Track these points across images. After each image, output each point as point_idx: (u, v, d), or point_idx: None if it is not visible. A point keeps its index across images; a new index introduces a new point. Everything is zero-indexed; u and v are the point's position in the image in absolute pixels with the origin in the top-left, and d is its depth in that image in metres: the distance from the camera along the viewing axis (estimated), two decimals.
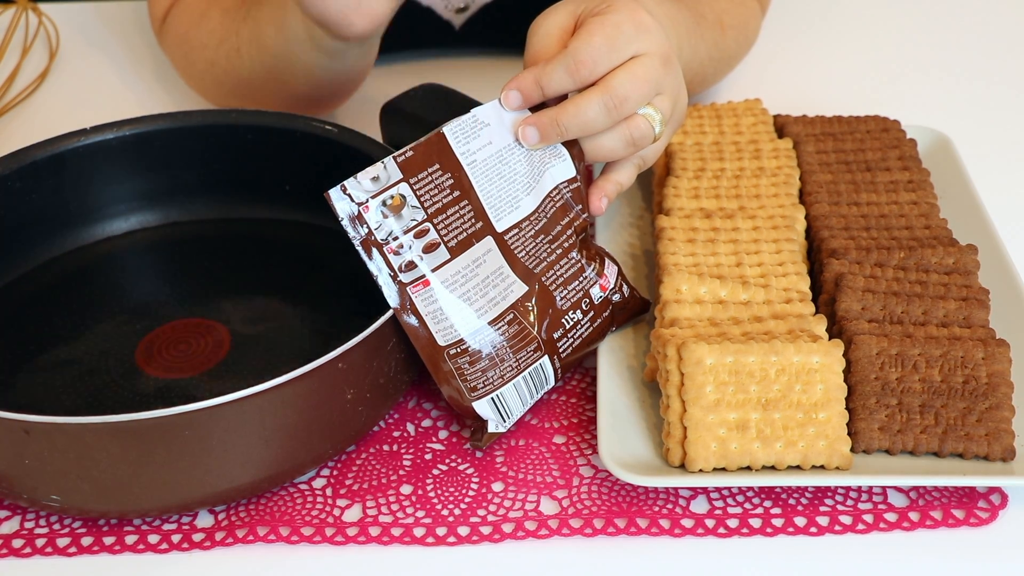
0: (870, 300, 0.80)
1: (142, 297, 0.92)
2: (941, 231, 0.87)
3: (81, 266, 0.93)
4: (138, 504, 0.73)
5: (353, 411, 0.76)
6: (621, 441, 0.76)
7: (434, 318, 0.76)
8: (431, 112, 0.87)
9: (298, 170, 0.94)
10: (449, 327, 0.76)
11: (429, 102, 0.91)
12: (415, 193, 0.76)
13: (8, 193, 0.90)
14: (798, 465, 0.74)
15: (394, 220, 0.75)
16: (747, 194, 0.90)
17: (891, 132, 0.98)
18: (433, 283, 0.76)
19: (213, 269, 0.93)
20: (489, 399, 0.78)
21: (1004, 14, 1.31)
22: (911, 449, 0.76)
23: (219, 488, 0.73)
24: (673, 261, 0.84)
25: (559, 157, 0.81)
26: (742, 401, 0.74)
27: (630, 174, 0.85)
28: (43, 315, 0.89)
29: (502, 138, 0.79)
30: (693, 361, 0.74)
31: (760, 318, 0.79)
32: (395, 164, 0.76)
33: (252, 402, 0.70)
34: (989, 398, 0.76)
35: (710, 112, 1.00)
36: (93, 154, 0.93)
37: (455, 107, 0.85)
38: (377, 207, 0.75)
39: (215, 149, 0.95)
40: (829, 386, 0.75)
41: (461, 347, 0.76)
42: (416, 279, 0.76)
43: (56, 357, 0.85)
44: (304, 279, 0.92)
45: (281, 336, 0.87)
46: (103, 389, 0.82)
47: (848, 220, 0.88)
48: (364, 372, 0.75)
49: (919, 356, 0.77)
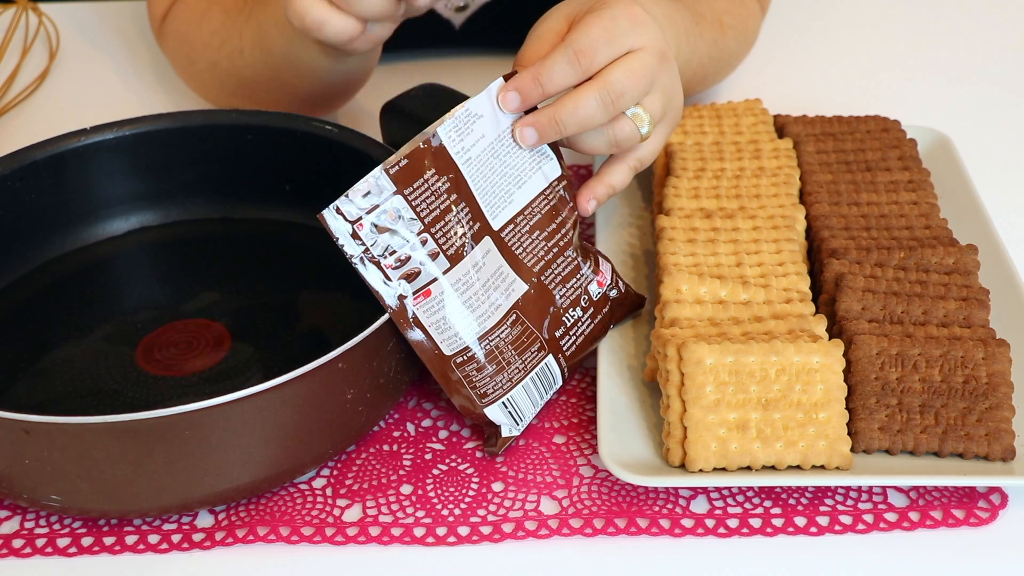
0: (870, 300, 0.80)
1: (142, 297, 0.92)
2: (941, 231, 0.87)
3: (81, 266, 0.93)
4: (138, 504, 0.73)
5: (353, 411, 0.76)
6: (621, 441, 0.76)
7: (438, 328, 0.75)
8: (431, 112, 0.87)
9: (298, 170, 0.94)
10: (454, 336, 0.76)
11: (429, 102, 0.91)
12: (410, 204, 0.74)
13: (8, 193, 0.90)
14: (798, 465, 0.74)
15: (389, 235, 0.74)
16: (747, 194, 0.90)
17: (891, 132, 0.98)
18: (434, 293, 0.75)
19: (213, 269, 0.93)
20: (500, 404, 0.77)
21: (1004, 14, 1.31)
22: (911, 449, 0.76)
23: (219, 488, 0.73)
24: (673, 261, 0.84)
25: (547, 155, 0.80)
26: (742, 401, 0.74)
27: (623, 176, 0.84)
28: (43, 315, 0.89)
29: (494, 130, 0.78)
30: (693, 361, 0.74)
31: (760, 318, 0.79)
32: (387, 176, 0.73)
33: (252, 402, 0.70)
34: (989, 398, 0.76)
35: (710, 112, 1.00)
36: (93, 154, 0.93)
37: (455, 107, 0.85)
38: (370, 224, 0.73)
39: (215, 149, 0.95)
40: (829, 386, 0.75)
41: (467, 355, 0.76)
42: (416, 291, 0.75)
43: (56, 357, 0.86)
44: (304, 279, 0.92)
45: (281, 336, 0.87)
46: (103, 389, 0.82)
47: (848, 220, 0.88)
48: (364, 372, 0.75)
49: (919, 356, 0.77)
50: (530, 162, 0.79)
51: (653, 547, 0.74)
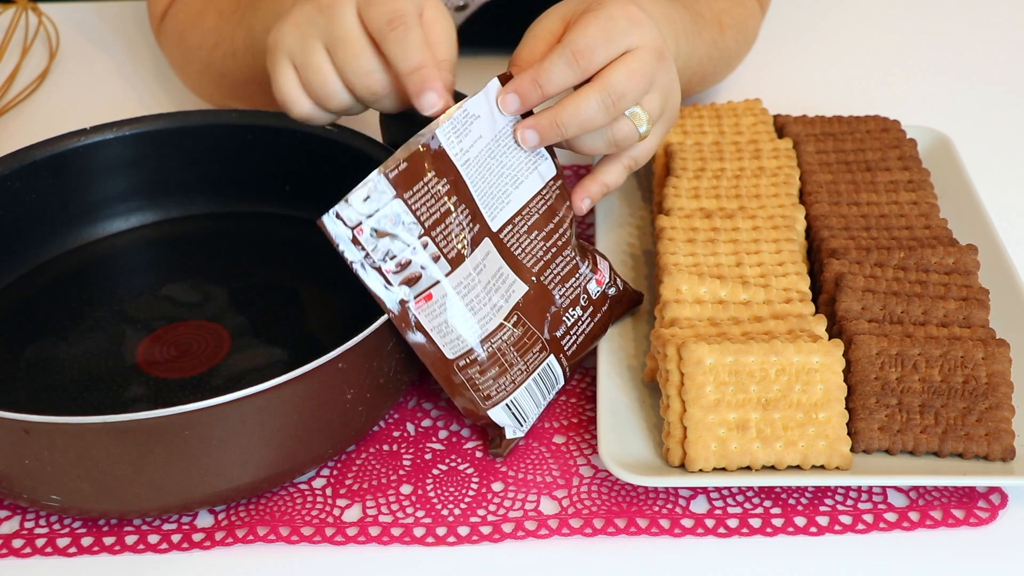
0: (870, 300, 0.80)
1: (142, 297, 0.92)
2: (941, 231, 0.87)
3: (81, 265, 0.93)
4: (138, 504, 0.73)
5: (353, 411, 0.76)
6: (621, 441, 0.76)
7: (440, 331, 0.75)
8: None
9: (298, 170, 0.94)
10: (456, 339, 0.76)
11: None
12: (410, 208, 0.73)
13: (8, 193, 0.89)
14: (798, 465, 0.74)
15: (389, 240, 0.73)
16: (747, 194, 0.90)
17: (891, 132, 0.98)
18: (436, 296, 0.74)
19: (213, 269, 0.93)
20: (504, 405, 0.77)
21: (1004, 14, 1.31)
22: (911, 449, 0.76)
23: (219, 488, 0.73)
24: (673, 261, 0.84)
25: (542, 155, 0.80)
26: (742, 401, 0.74)
27: (618, 175, 0.84)
28: (43, 315, 0.89)
29: (491, 130, 0.77)
30: (693, 361, 0.74)
31: (760, 318, 0.79)
32: (386, 180, 0.72)
33: (252, 402, 0.70)
34: (989, 398, 0.76)
35: (710, 112, 1.00)
36: (93, 154, 0.93)
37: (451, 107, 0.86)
38: (370, 229, 0.72)
39: (215, 149, 0.95)
40: (829, 386, 0.75)
41: (470, 357, 0.76)
42: (418, 295, 0.74)
43: (56, 357, 0.85)
44: (304, 279, 0.92)
45: (281, 336, 0.86)
46: (103, 389, 0.82)
47: (848, 220, 0.88)
48: (364, 372, 0.75)
49: (919, 356, 0.77)
50: (526, 162, 0.79)
51: (653, 547, 0.74)
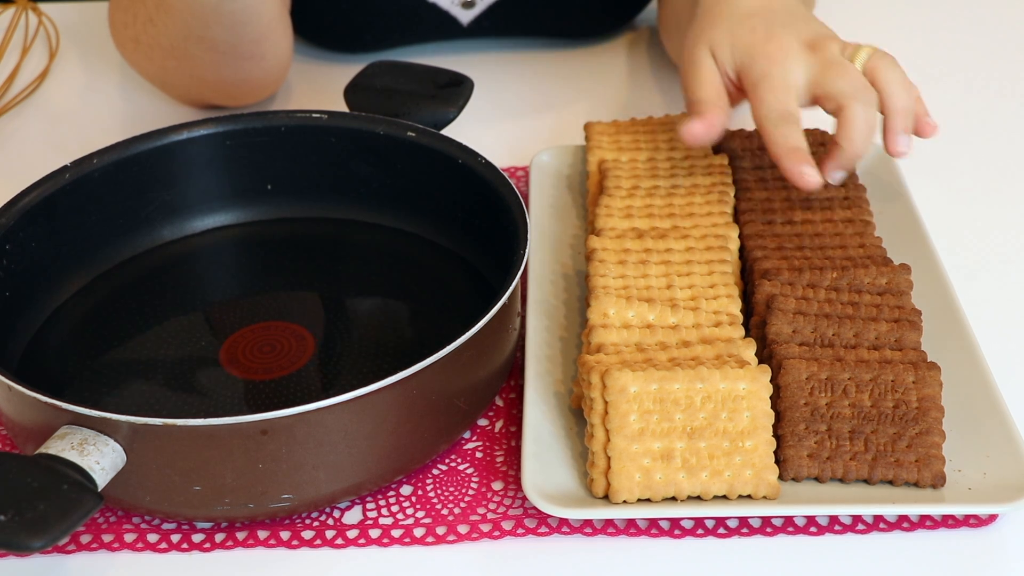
0: (801, 323, 0.79)
1: (227, 297, 0.93)
2: (875, 250, 0.85)
3: (163, 264, 0.93)
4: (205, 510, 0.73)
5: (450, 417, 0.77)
6: (545, 471, 0.75)
7: None
8: (400, 82, 0.95)
9: (387, 173, 0.94)
10: None
11: (391, 75, 0.95)
12: None
13: (105, 185, 0.89)
14: (724, 495, 0.73)
15: None
16: (681, 212, 0.89)
17: (828, 146, 0.96)
18: None
19: (299, 271, 0.94)
20: None
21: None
22: (841, 476, 0.74)
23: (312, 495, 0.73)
24: (602, 284, 0.82)
25: None
26: (667, 430, 0.73)
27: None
28: (124, 313, 0.89)
29: None
30: (617, 389, 0.72)
31: (688, 343, 0.77)
32: None
33: (351, 406, 0.70)
34: (919, 423, 0.74)
35: (645, 127, 0.98)
36: (188, 149, 0.93)
37: (417, 76, 0.96)
38: None
39: (304, 150, 0.95)
40: (756, 413, 0.73)
41: None
42: None
43: (137, 358, 0.85)
44: (392, 285, 0.92)
45: (367, 342, 0.86)
46: (185, 390, 0.82)
47: (782, 239, 0.87)
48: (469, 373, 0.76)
49: (849, 380, 0.75)
50: None
51: (653, 547, 0.73)
